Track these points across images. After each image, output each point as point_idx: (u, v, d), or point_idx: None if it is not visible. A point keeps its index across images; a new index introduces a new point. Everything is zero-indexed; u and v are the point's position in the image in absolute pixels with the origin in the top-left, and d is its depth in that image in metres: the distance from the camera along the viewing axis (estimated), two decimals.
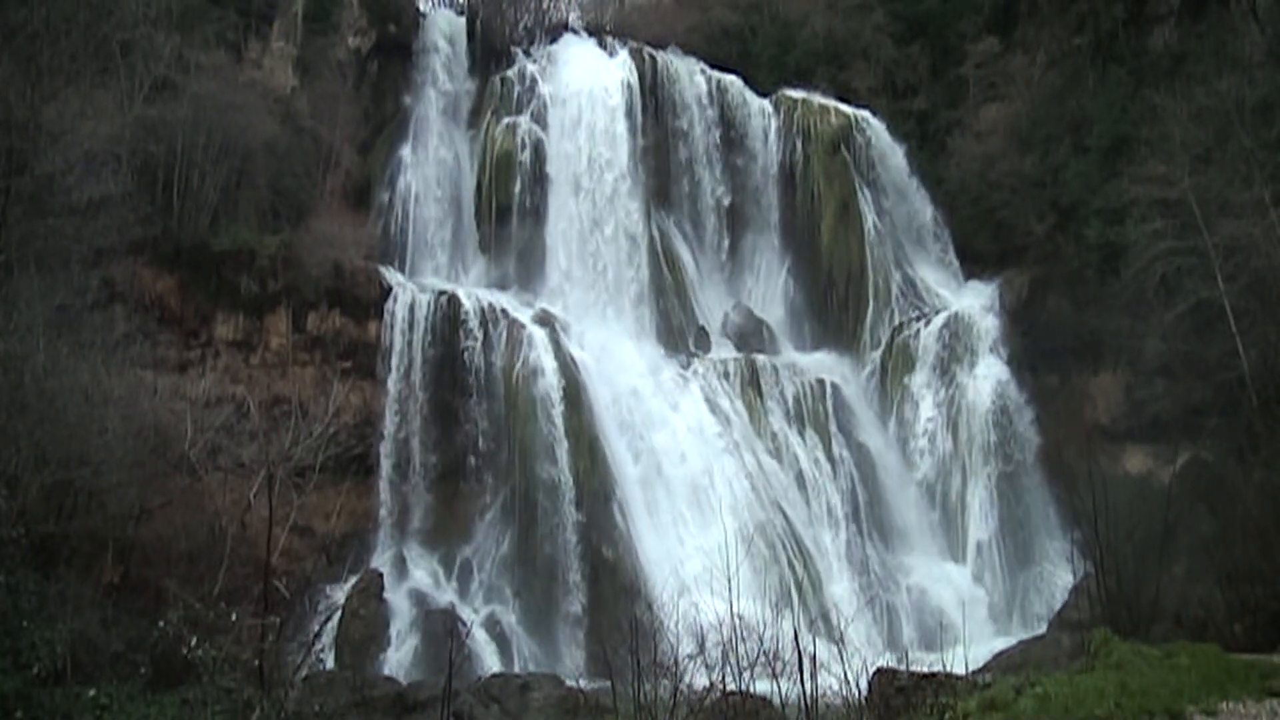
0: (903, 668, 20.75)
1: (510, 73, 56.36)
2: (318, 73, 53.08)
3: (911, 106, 58.87)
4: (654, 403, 46.91)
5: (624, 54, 57.11)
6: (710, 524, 40.33)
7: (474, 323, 46.52)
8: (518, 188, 52.14)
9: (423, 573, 43.54)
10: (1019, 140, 52.50)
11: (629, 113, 54.01)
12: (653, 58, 57.24)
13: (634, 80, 55.15)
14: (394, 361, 46.01)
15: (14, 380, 27.03)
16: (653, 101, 55.71)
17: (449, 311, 46.71)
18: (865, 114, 57.06)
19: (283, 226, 48.33)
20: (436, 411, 45.64)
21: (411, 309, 46.70)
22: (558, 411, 44.27)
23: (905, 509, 47.08)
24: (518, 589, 42.28)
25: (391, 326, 46.49)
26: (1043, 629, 39.22)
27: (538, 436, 43.96)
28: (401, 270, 50.32)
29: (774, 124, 57.07)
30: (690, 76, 57.45)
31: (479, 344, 46.17)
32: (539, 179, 52.37)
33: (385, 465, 44.86)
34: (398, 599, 41.61)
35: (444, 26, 58.69)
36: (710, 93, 57.14)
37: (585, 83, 55.15)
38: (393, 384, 45.70)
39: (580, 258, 51.23)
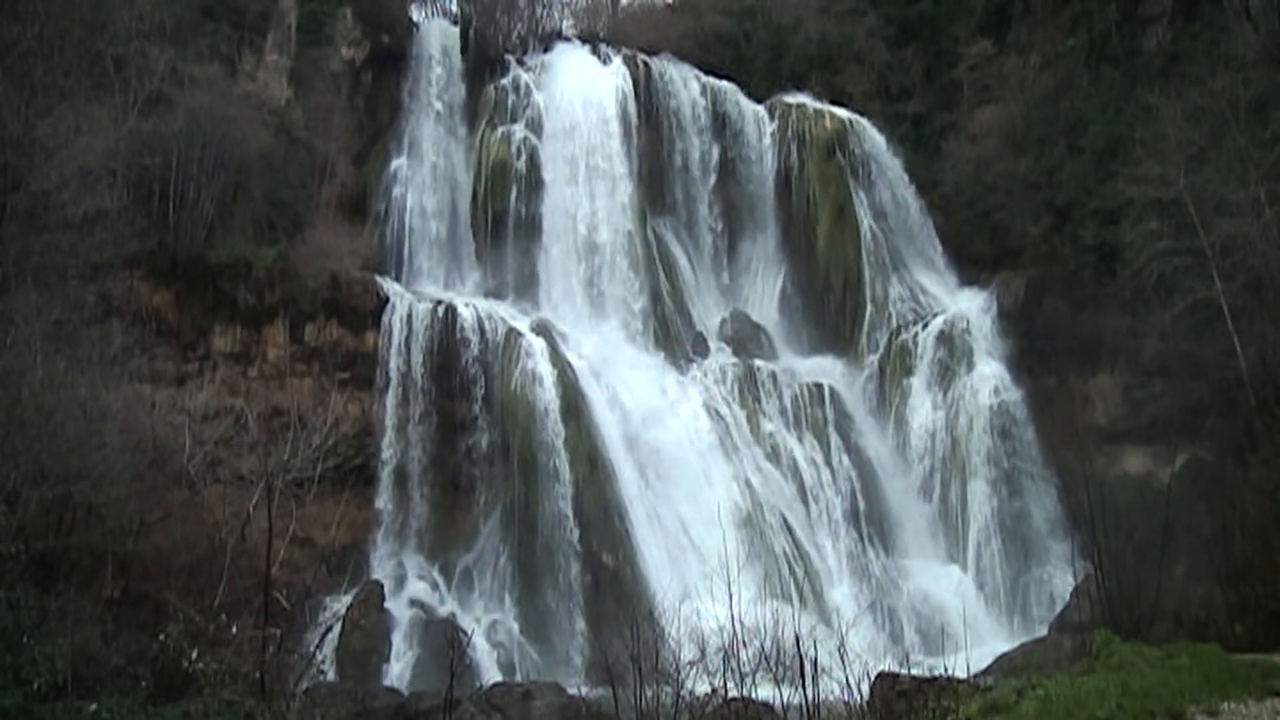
0: (904, 671, 20.73)
1: (505, 81, 56.42)
2: (312, 84, 53.06)
3: (906, 110, 58.94)
4: (652, 409, 46.85)
5: (618, 61, 57.21)
6: (709, 530, 40.29)
7: (471, 332, 46.51)
8: (513, 196, 52.19)
9: (423, 583, 43.48)
10: (1014, 142, 52.57)
11: (624, 120, 54.08)
12: (646, 65, 57.33)
13: (628, 87, 55.23)
14: (392, 372, 45.99)
15: (12, 395, 26.99)
16: (647, 108, 55.79)
17: (446, 321, 46.68)
18: (860, 118, 57.16)
19: (279, 238, 48.35)
20: (435, 421, 45.63)
21: (409, 319, 46.65)
22: (556, 419, 44.23)
23: (905, 512, 47.07)
24: (518, 597, 42.27)
25: (389, 337, 46.45)
26: (1044, 631, 39.15)
27: (536, 445, 43.93)
28: (398, 280, 50.24)
29: (769, 129, 57.16)
30: (684, 83, 57.54)
31: (477, 353, 46.18)
32: (534, 187, 52.40)
33: (384, 475, 44.87)
34: (398, 609, 41.55)
35: (438, 36, 58.64)
36: (705, 99, 57.24)
37: (580, 90, 55.26)
38: (391, 394, 45.70)
39: (577, 265, 51.26)
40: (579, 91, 55.18)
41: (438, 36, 58.64)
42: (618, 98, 54.65)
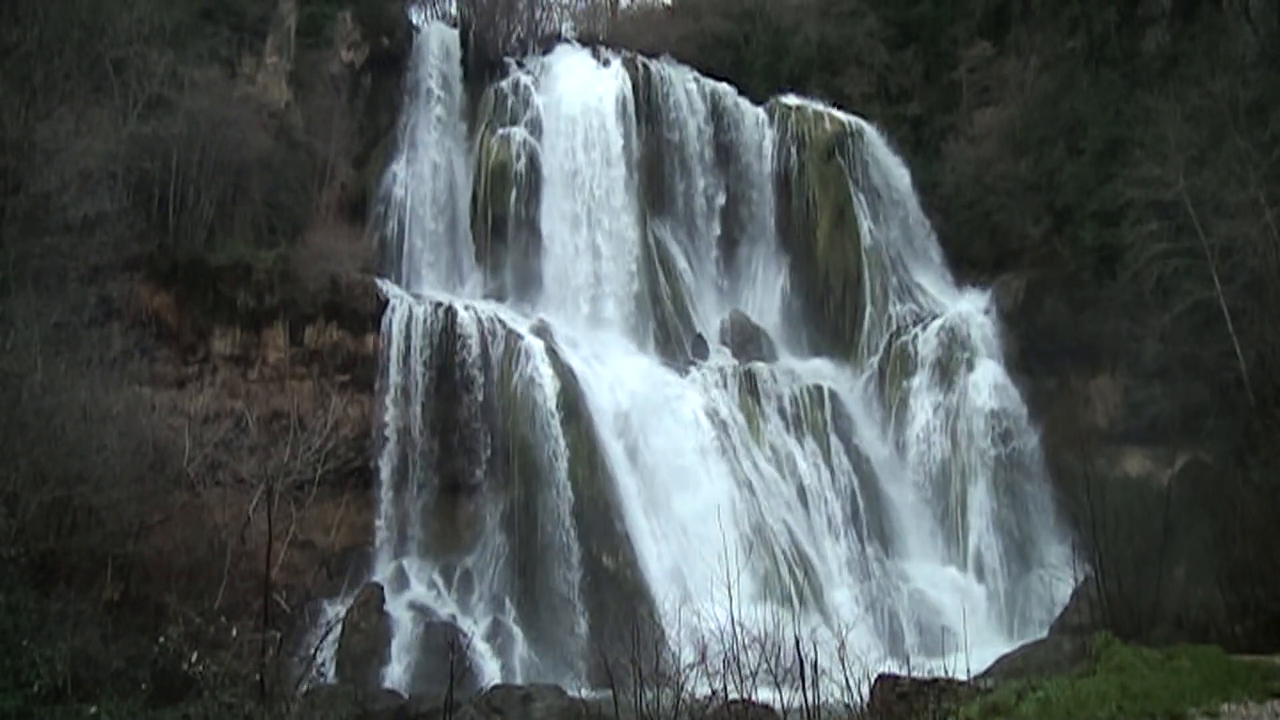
0: (904, 674, 20.73)
1: (504, 84, 56.45)
2: (311, 87, 53.04)
3: (905, 112, 58.99)
4: (652, 411, 46.83)
5: (617, 64, 57.18)
6: (710, 532, 40.24)
7: (471, 334, 46.46)
8: (513, 198, 52.15)
9: (423, 585, 43.46)
10: (1013, 144, 52.58)
11: (623, 122, 54.03)
12: (646, 67, 57.30)
13: (628, 90, 55.18)
14: (392, 374, 45.91)
15: (12, 398, 26.98)
16: (647, 110, 55.78)
17: (446, 323, 46.63)
18: (859, 120, 57.11)
19: (279, 241, 48.30)
20: (435, 423, 45.56)
21: (408, 321, 46.58)
22: (556, 422, 44.22)
23: (905, 514, 47.06)
24: (518, 600, 42.19)
25: (389, 339, 46.38)
26: (1044, 633, 39.16)
27: (536, 447, 43.92)
28: (398, 283, 50.23)
29: (768, 131, 57.15)
30: (684, 85, 57.53)
31: (476, 355, 46.11)
32: (534, 189, 52.38)
33: (384, 478, 44.79)
34: (398, 612, 41.52)
35: (437, 39, 58.60)
36: (704, 101, 57.25)
37: (579, 93, 55.24)
38: (391, 396, 45.59)
39: (576, 267, 51.24)
40: (579, 94, 55.15)
41: (437, 39, 58.60)
42: (617, 100, 54.60)
